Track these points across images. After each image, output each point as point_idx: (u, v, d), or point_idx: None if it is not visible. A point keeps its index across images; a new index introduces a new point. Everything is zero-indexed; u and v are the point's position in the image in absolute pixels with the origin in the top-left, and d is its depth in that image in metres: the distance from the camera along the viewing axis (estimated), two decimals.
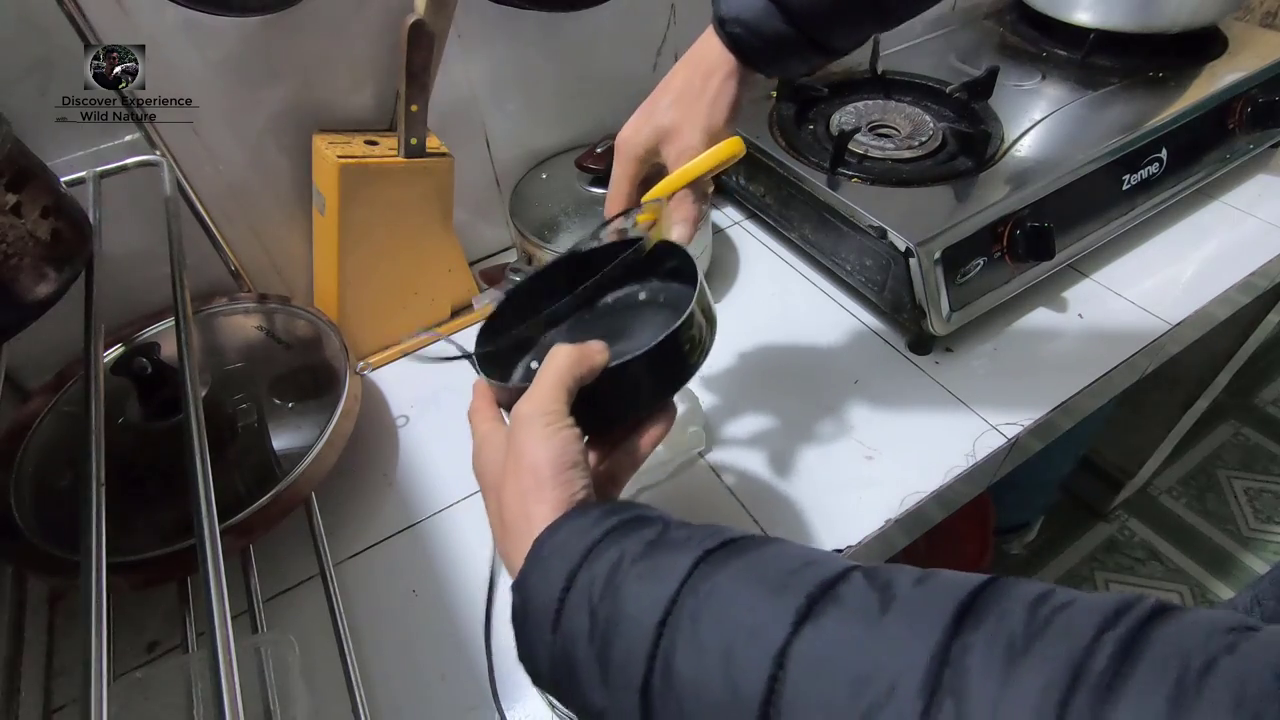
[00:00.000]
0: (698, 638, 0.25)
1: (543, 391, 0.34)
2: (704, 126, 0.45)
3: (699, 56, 0.45)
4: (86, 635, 0.28)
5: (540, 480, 0.32)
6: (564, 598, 0.28)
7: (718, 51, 0.45)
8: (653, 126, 0.46)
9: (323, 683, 0.49)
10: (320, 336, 0.64)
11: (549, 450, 0.32)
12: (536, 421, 0.33)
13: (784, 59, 0.44)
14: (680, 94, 0.45)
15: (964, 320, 0.64)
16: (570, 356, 0.34)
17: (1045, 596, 0.22)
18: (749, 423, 0.63)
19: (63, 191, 0.39)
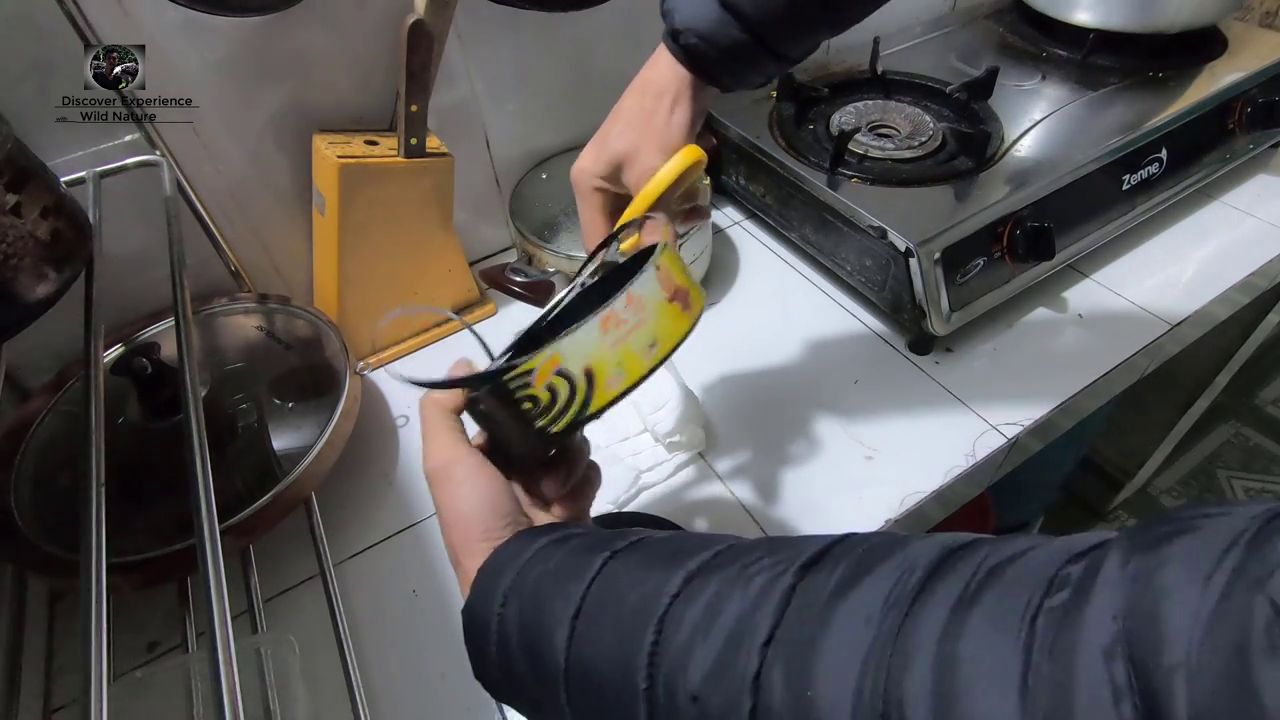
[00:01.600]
0: (599, 626, 0.27)
1: (432, 442, 0.35)
2: (659, 147, 0.44)
3: (647, 80, 0.45)
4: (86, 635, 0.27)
5: (467, 535, 0.33)
6: (501, 613, 0.30)
7: (668, 72, 0.44)
8: (608, 155, 0.45)
9: (323, 683, 0.49)
10: (320, 336, 0.64)
11: (467, 501, 0.33)
12: (442, 476, 0.34)
13: (740, 68, 0.43)
14: (631, 118, 0.45)
15: (964, 320, 0.64)
16: (430, 397, 0.36)
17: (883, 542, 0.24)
18: (749, 423, 0.63)
19: (63, 191, 0.39)
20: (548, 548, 0.31)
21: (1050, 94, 0.79)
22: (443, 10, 0.56)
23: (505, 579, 0.31)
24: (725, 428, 0.63)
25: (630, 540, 0.30)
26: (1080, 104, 0.76)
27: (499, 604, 0.30)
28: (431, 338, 0.74)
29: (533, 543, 0.32)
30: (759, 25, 0.41)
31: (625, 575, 0.28)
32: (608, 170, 0.45)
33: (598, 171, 0.46)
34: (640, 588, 0.27)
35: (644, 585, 0.27)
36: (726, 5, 0.40)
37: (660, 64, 0.44)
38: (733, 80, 0.44)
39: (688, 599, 0.25)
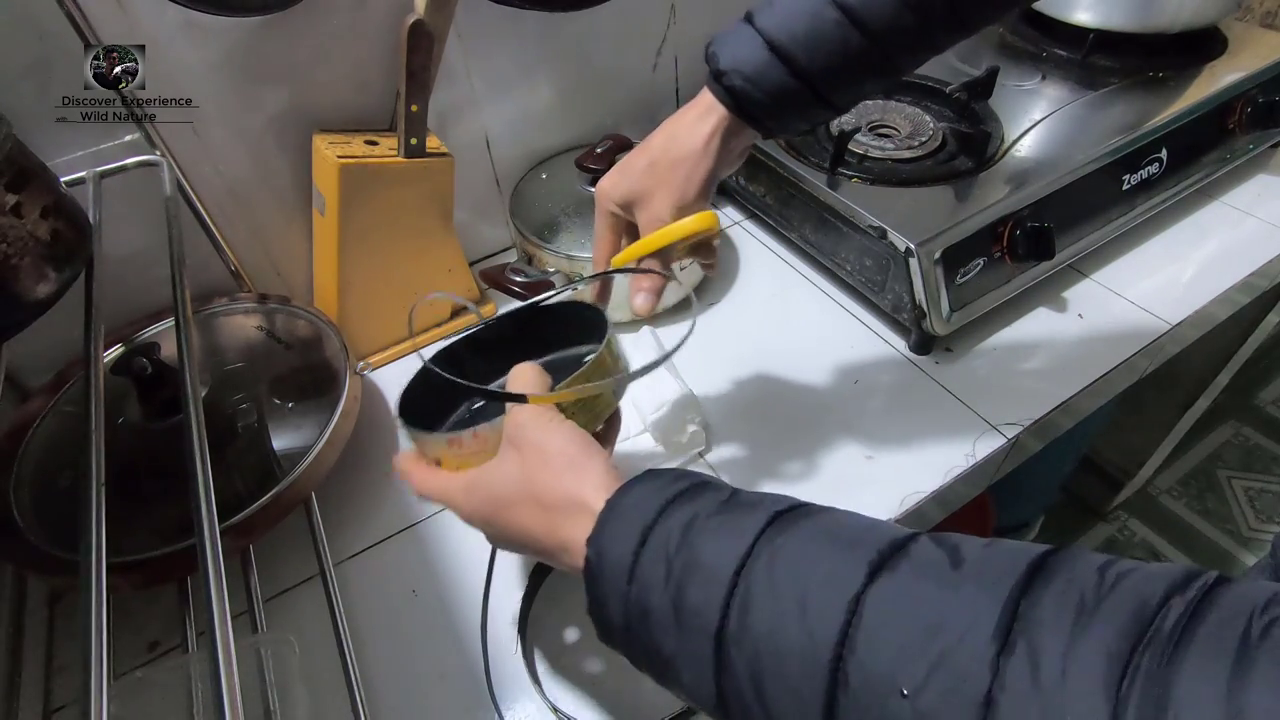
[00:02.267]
0: (774, 585, 0.26)
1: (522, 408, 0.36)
2: (675, 200, 0.44)
3: (683, 120, 0.45)
4: (86, 635, 0.27)
5: (571, 458, 0.33)
6: (640, 550, 0.29)
7: (703, 114, 0.44)
8: (626, 187, 0.46)
9: (323, 683, 0.49)
10: (320, 336, 0.64)
11: (565, 433, 0.34)
12: (540, 418, 0.35)
13: (785, 114, 0.43)
14: (657, 159, 0.45)
15: (964, 320, 0.64)
16: (536, 371, 0.37)
17: (1111, 562, 0.23)
18: (749, 423, 0.63)
19: (63, 191, 0.39)
20: (692, 492, 0.30)
21: (1050, 94, 0.79)
22: (443, 10, 0.56)
23: (644, 515, 0.29)
24: (725, 428, 0.63)
25: (790, 504, 0.29)
26: (1080, 104, 0.76)
27: (636, 542, 0.29)
28: (431, 338, 0.74)
29: (674, 483, 0.31)
30: (808, 71, 0.41)
31: (797, 541, 0.27)
32: (623, 201, 0.46)
33: (615, 199, 0.47)
34: (824, 558, 0.26)
35: (828, 557, 0.26)
36: (775, 49, 0.40)
37: (698, 106, 0.45)
38: (776, 125, 0.44)
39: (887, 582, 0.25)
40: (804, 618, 0.25)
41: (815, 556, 0.26)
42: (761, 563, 0.27)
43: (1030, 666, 0.21)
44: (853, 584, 0.25)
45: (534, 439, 0.34)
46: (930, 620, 0.23)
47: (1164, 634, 0.20)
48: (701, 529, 0.28)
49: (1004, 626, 0.22)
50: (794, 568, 0.26)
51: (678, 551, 0.28)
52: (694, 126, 0.44)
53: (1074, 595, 0.22)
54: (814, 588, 0.25)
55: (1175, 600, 0.21)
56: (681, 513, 0.29)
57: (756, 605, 0.26)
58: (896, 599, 0.24)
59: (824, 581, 0.25)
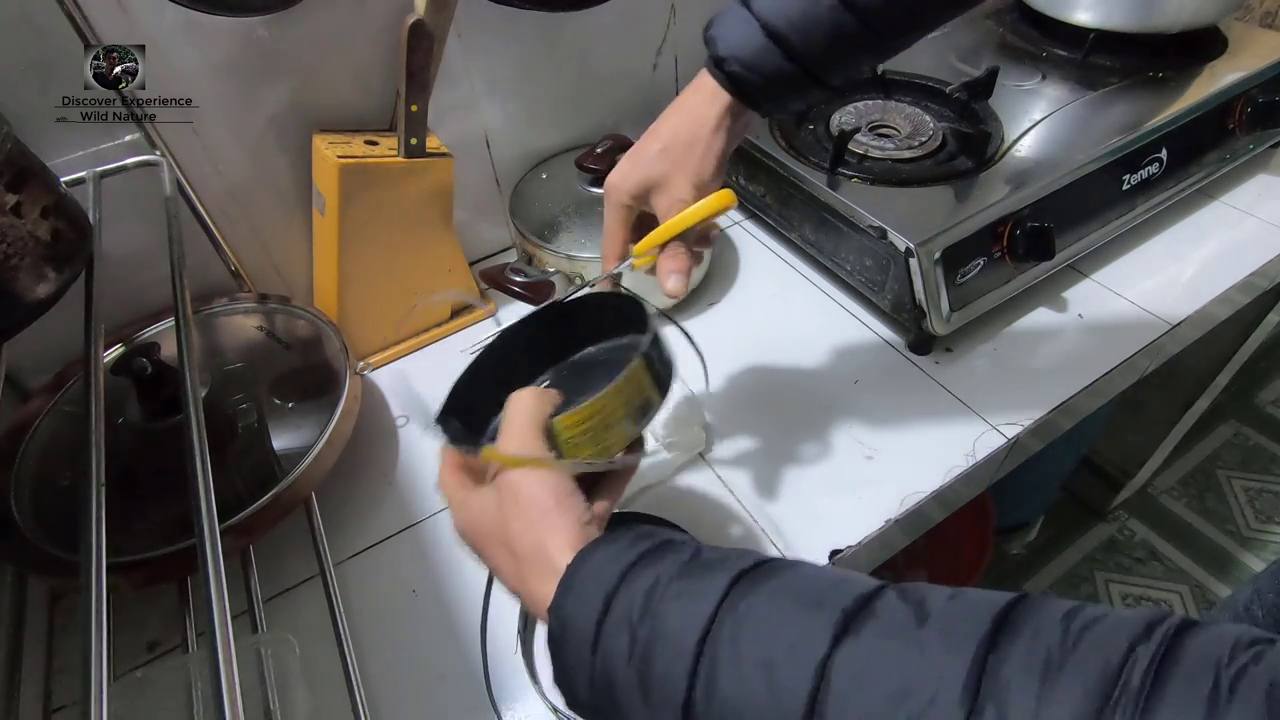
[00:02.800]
0: (738, 653, 0.25)
1: (517, 434, 0.34)
2: (693, 180, 0.45)
3: (689, 105, 0.45)
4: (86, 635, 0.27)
5: (545, 510, 0.32)
6: (602, 620, 0.28)
7: (709, 98, 0.44)
8: (640, 174, 0.45)
9: (323, 683, 0.49)
10: (320, 336, 0.64)
11: (543, 483, 0.33)
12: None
13: (783, 96, 0.44)
14: (669, 143, 0.45)
15: (964, 320, 0.64)
16: (536, 397, 0.36)
17: (1076, 611, 0.23)
18: (749, 423, 0.63)
19: (63, 191, 0.39)
20: (655, 553, 0.30)
21: (1050, 94, 0.79)
22: (443, 10, 0.56)
23: (605, 582, 0.29)
24: (726, 428, 0.63)
25: (754, 560, 0.29)
26: (1080, 104, 0.76)
27: (599, 610, 0.28)
28: (431, 338, 0.74)
29: (635, 544, 0.30)
30: (803, 54, 0.41)
31: (762, 603, 0.27)
32: (638, 190, 0.46)
33: (628, 190, 0.46)
34: (788, 622, 0.26)
35: (793, 620, 0.26)
36: (771, 34, 0.41)
37: (702, 89, 0.45)
38: (775, 106, 0.45)
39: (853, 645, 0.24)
40: (771, 686, 0.24)
41: (780, 620, 0.26)
42: (726, 629, 0.26)
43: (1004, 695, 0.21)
44: (818, 648, 0.24)
45: (512, 480, 0.33)
46: (898, 684, 0.23)
47: (1132, 689, 0.20)
48: (664, 595, 0.28)
49: (972, 687, 0.22)
50: (759, 633, 0.26)
51: (641, 620, 0.27)
52: (703, 108, 0.45)
53: (1040, 651, 0.22)
54: (780, 654, 0.25)
55: (1140, 650, 0.21)
56: (644, 578, 0.29)
57: (723, 674, 0.25)
58: (863, 663, 0.24)
59: (790, 647, 0.25)
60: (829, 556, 0.53)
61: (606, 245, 0.49)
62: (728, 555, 0.29)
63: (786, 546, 0.55)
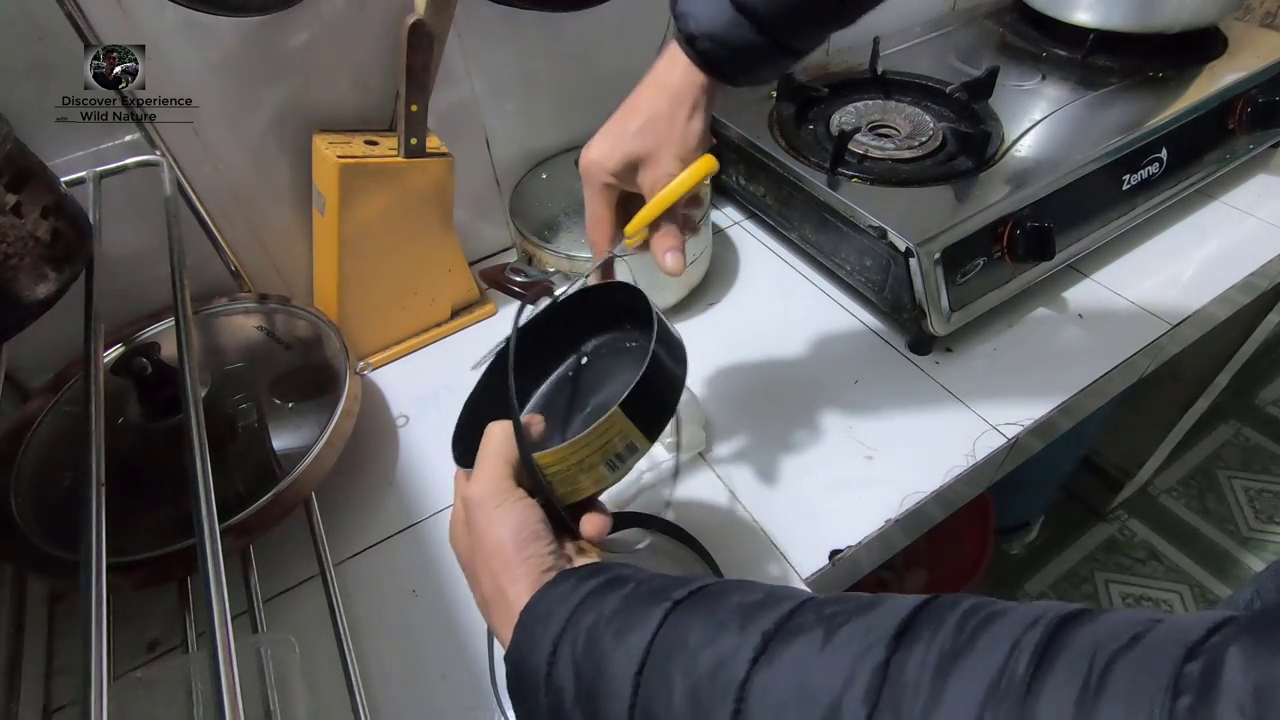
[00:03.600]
0: (668, 683, 0.27)
1: (486, 471, 0.35)
2: (678, 153, 0.44)
3: (665, 80, 0.45)
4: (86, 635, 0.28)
5: (506, 560, 0.33)
6: (552, 661, 0.29)
7: (684, 72, 0.44)
8: (622, 152, 0.45)
9: (323, 683, 0.49)
10: (320, 336, 0.64)
11: (506, 529, 0.34)
12: (487, 504, 0.34)
13: (754, 67, 0.44)
14: (649, 119, 0.44)
15: (964, 320, 0.64)
16: (505, 432, 0.36)
17: (976, 609, 0.24)
18: (749, 422, 0.63)
19: (63, 191, 0.39)
20: (599, 592, 0.31)
21: (1050, 94, 0.79)
22: (443, 10, 0.56)
23: (554, 624, 0.30)
24: (725, 428, 0.63)
25: (690, 588, 0.30)
26: (1080, 104, 0.76)
27: (548, 652, 0.30)
28: (431, 338, 0.74)
29: (581, 585, 0.31)
30: (771, 23, 0.41)
31: (693, 631, 0.28)
32: (621, 167, 0.45)
33: (610, 168, 0.45)
34: (713, 647, 0.27)
35: (717, 645, 0.27)
36: (739, 7, 0.41)
37: (677, 65, 0.45)
38: (747, 78, 0.45)
39: (769, 665, 0.25)
40: (696, 712, 0.25)
41: (704, 646, 0.27)
42: (657, 660, 0.27)
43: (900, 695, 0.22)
44: (738, 672, 0.25)
45: (478, 524, 0.34)
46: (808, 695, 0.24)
47: (1016, 680, 0.20)
48: (605, 631, 0.29)
49: (874, 691, 0.22)
50: (685, 661, 0.27)
51: (585, 658, 0.29)
52: (680, 82, 0.44)
53: (935, 651, 0.22)
54: (704, 681, 0.26)
55: (1024, 641, 0.21)
56: (588, 618, 0.30)
57: (655, 704, 0.26)
58: (777, 682, 0.25)
59: (712, 674, 0.26)
60: (829, 556, 0.53)
61: (595, 230, 0.48)
62: (667, 584, 0.31)
63: (786, 546, 0.55)
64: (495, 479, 0.35)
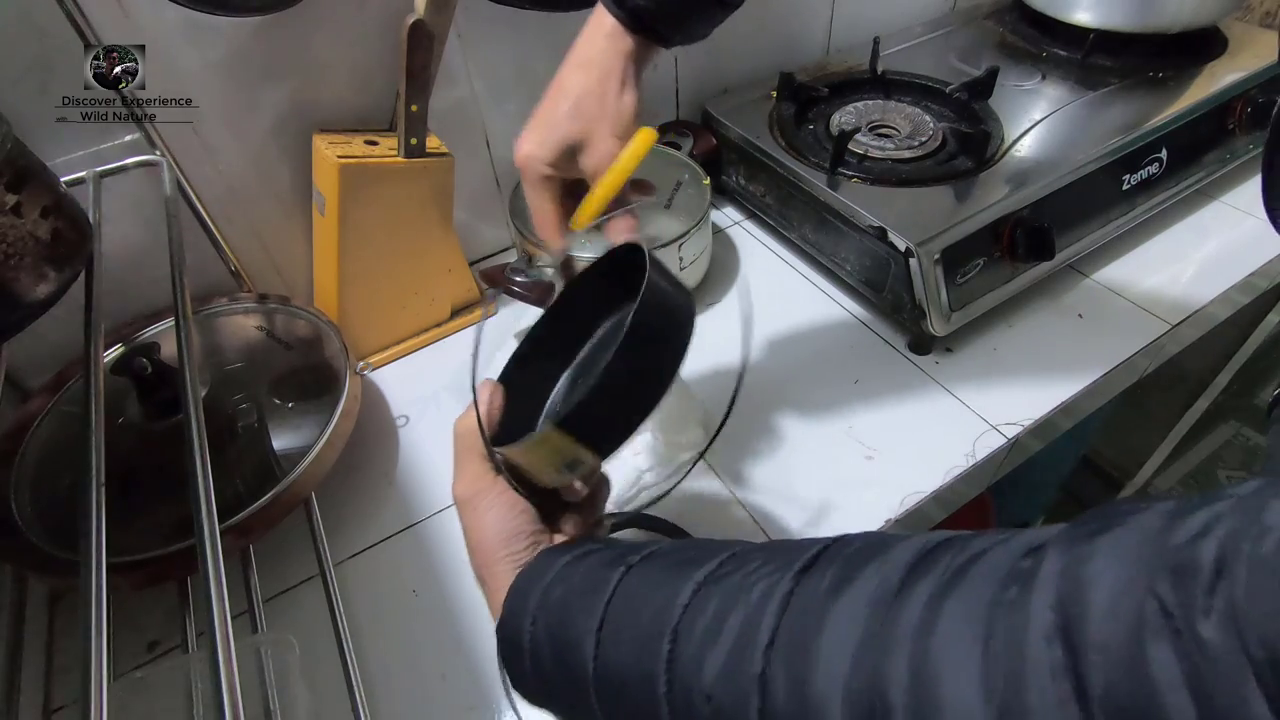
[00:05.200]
0: (619, 635, 0.30)
1: (463, 471, 0.37)
2: (614, 131, 0.42)
3: (589, 56, 0.43)
4: (86, 635, 0.27)
5: (491, 558, 0.36)
6: (531, 631, 0.32)
7: (608, 43, 0.42)
8: (557, 139, 0.43)
9: (323, 683, 0.49)
10: (320, 336, 0.64)
11: (490, 528, 0.36)
12: (469, 505, 0.36)
13: (687, 20, 0.42)
14: (578, 99, 0.42)
15: (964, 320, 0.64)
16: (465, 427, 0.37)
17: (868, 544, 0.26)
18: (749, 422, 0.63)
19: (63, 191, 0.39)
20: (569, 565, 0.34)
21: (1050, 94, 0.79)
22: (443, 10, 0.56)
23: (532, 599, 0.33)
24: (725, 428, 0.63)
25: (644, 553, 0.32)
26: (1080, 104, 0.76)
27: (529, 622, 0.32)
28: (431, 338, 0.74)
29: (555, 562, 0.34)
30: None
31: (641, 588, 0.31)
32: (557, 155, 0.43)
33: (546, 158, 0.43)
34: (654, 599, 0.29)
35: (658, 596, 0.29)
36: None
37: (598, 38, 0.43)
38: (680, 34, 0.43)
39: (697, 609, 0.28)
40: (640, 654, 0.28)
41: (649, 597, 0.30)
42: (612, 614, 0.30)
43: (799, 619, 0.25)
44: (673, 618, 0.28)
45: (467, 522, 0.37)
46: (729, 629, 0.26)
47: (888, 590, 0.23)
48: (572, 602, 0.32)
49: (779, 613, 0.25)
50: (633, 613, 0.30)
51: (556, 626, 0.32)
52: (608, 54, 0.42)
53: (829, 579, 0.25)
54: (647, 628, 0.29)
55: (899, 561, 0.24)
56: (557, 590, 0.33)
57: (611, 654, 0.29)
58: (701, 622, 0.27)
59: (653, 619, 0.28)
60: None
61: (544, 229, 0.46)
62: (625, 551, 0.33)
63: None
64: (473, 478, 0.37)
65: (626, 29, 0.42)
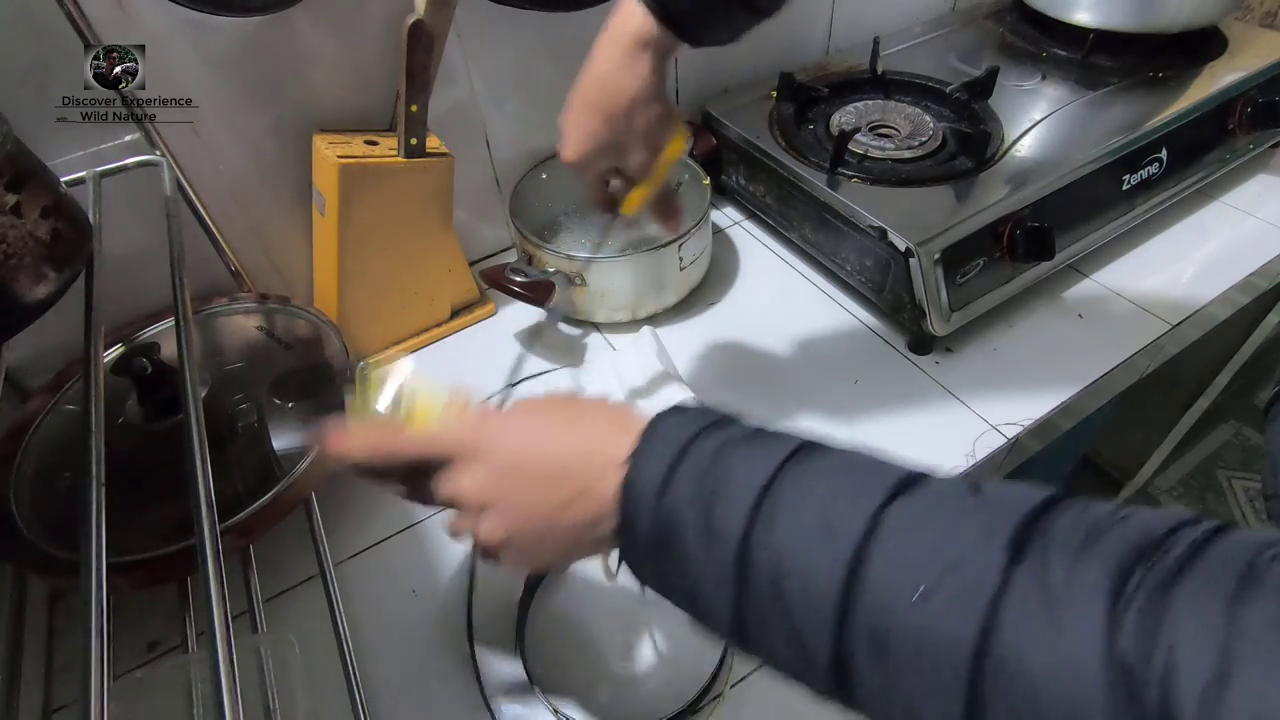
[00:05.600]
0: (798, 501, 0.27)
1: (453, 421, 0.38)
2: (647, 142, 0.47)
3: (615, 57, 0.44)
4: (86, 635, 0.27)
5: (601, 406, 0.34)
6: (673, 467, 0.30)
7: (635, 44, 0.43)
8: (596, 148, 0.47)
9: (323, 683, 0.49)
10: (320, 336, 0.64)
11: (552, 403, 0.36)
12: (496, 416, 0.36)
13: (713, 20, 0.43)
14: (610, 113, 0.45)
15: (964, 320, 0.64)
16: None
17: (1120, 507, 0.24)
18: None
19: (63, 191, 0.39)
20: (723, 421, 0.31)
21: (1050, 94, 0.79)
22: (443, 10, 0.56)
23: (679, 438, 0.30)
24: None
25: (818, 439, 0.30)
26: (1080, 104, 0.76)
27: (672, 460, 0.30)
28: (431, 338, 0.74)
29: (705, 414, 0.32)
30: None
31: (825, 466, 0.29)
32: (602, 164, 0.48)
33: (587, 165, 0.48)
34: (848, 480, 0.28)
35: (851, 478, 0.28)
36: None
37: (625, 31, 0.44)
38: (705, 33, 0.44)
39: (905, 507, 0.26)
40: (825, 529, 0.26)
41: (839, 479, 0.28)
42: (787, 481, 0.28)
43: (1038, 575, 0.22)
44: (872, 502, 0.26)
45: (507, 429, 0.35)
46: (945, 533, 0.25)
47: (1170, 557, 0.21)
48: (731, 452, 0.29)
49: (1017, 541, 0.23)
50: (817, 486, 0.28)
51: (708, 471, 0.29)
52: (632, 58, 0.44)
53: (1085, 522, 0.23)
54: (837, 504, 0.27)
55: (1184, 532, 0.22)
56: (713, 439, 0.30)
57: (780, 519, 0.27)
58: (914, 517, 0.26)
59: (847, 499, 0.27)
60: None
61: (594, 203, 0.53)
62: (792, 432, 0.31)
63: None
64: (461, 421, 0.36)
65: (655, 19, 0.43)
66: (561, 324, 0.74)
